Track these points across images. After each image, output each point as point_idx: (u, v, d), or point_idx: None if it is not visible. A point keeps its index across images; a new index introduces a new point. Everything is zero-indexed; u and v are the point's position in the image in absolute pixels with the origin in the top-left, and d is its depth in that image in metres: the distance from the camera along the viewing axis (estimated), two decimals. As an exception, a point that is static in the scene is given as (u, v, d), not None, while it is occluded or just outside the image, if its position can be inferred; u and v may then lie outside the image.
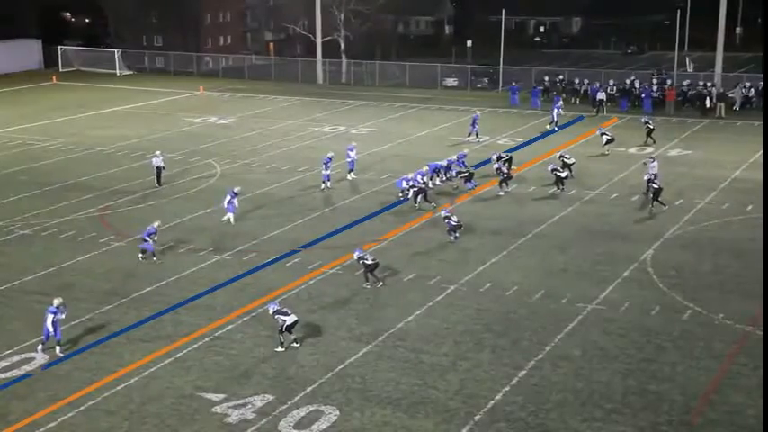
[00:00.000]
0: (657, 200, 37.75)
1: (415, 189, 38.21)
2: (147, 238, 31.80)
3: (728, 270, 30.89)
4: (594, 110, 61.95)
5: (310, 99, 70.64)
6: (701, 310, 27.36)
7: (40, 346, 24.70)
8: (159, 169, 42.52)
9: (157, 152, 43.56)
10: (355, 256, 29.49)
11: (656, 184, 37.86)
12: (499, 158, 42.36)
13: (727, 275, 30.42)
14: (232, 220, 35.94)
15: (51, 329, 24.35)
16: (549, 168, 41.07)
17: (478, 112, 55.17)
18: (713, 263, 31.68)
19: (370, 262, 29.24)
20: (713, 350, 24.66)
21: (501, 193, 40.45)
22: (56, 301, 24.73)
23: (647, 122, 51.92)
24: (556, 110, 56.75)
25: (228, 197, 36.06)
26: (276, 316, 24.62)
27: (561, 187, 40.46)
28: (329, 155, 42.12)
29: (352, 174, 43.40)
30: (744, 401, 21.79)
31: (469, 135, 52.74)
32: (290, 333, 24.69)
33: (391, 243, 33.97)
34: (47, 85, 79.82)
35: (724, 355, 24.38)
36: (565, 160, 42.13)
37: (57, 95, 74.02)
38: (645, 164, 41.08)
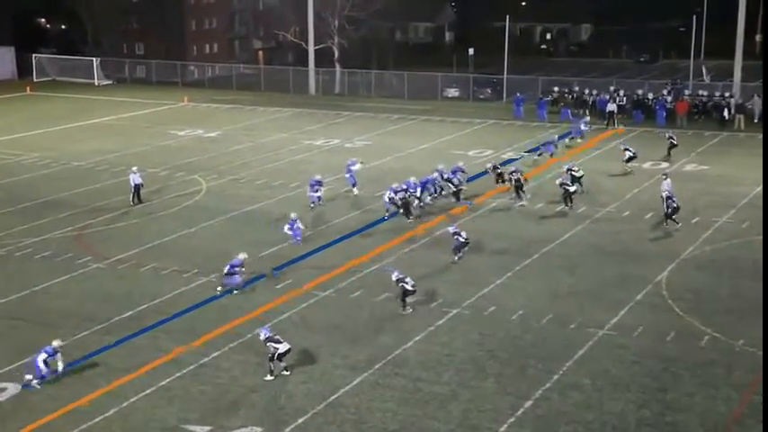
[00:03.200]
0: (672, 218, 37.88)
1: (402, 202, 38.70)
2: (233, 272, 31.00)
3: (749, 293, 30.83)
4: (605, 122, 62.13)
5: (302, 110, 70.85)
6: (719, 336, 27.38)
7: (35, 381, 24.46)
8: (137, 186, 42.51)
9: (134, 168, 43.55)
10: (394, 277, 29.40)
11: (674, 202, 38.02)
12: (495, 168, 43.01)
13: (747, 299, 30.39)
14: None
15: (43, 368, 24.24)
16: (558, 182, 41.22)
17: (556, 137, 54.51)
18: (733, 285, 31.71)
19: (410, 288, 29.00)
20: (733, 379, 24.67)
21: (524, 203, 40.92)
22: (55, 343, 24.60)
23: (671, 137, 51.94)
24: (582, 125, 56.62)
25: (288, 226, 35.92)
26: (268, 343, 24.59)
27: (570, 204, 40.57)
28: (317, 177, 42.05)
29: (355, 189, 43.70)
30: (766, 433, 21.80)
31: (540, 154, 51.06)
32: (281, 361, 24.68)
33: (385, 265, 33.97)
34: (21, 96, 79.97)
35: (745, 384, 24.38)
36: (573, 173, 42.22)
37: (31, 107, 74.16)
38: (665, 176, 41.11)
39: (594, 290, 31.32)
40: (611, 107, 62.33)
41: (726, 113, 62.26)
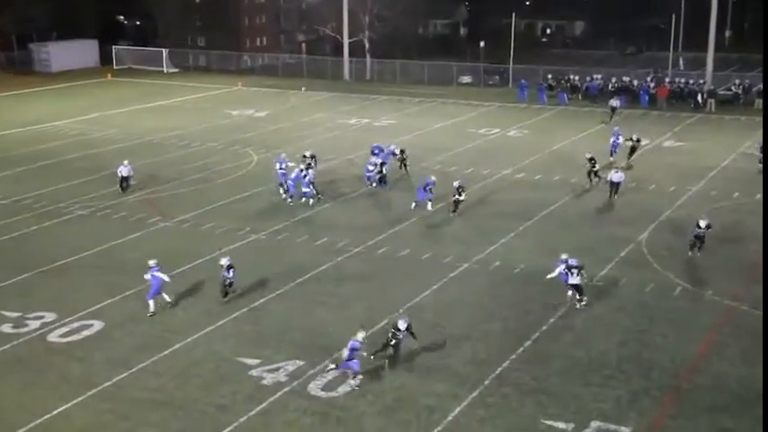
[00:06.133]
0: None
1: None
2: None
3: (716, 251, 30.63)
4: (593, 103, 61.61)
5: (338, 94, 70.55)
6: (690, 287, 27.24)
7: (356, 379, 21.20)
8: (125, 178, 38.72)
9: (125, 162, 39.83)
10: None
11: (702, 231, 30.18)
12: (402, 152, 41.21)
13: (714, 256, 30.18)
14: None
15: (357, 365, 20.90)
16: (456, 185, 35.03)
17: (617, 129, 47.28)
18: (702, 245, 31.42)
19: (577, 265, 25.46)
20: (701, 323, 24.58)
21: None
22: (360, 335, 21.09)
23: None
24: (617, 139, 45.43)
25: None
26: None
27: (454, 209, 34.89)
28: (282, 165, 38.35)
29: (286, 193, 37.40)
30: (727, 369, 21.74)
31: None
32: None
33: (408, 225, 33.96)
34: (102, 81, 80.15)
35: (710, 327, 24.30)
36: (592, 164, 39.30)
37: (111, 90, 74.32)
38: (617, 170, 38.24)
39: (586, 247, 31.02)
40: (615, 103, 57.56)
41: (699, 98, 61.67)
